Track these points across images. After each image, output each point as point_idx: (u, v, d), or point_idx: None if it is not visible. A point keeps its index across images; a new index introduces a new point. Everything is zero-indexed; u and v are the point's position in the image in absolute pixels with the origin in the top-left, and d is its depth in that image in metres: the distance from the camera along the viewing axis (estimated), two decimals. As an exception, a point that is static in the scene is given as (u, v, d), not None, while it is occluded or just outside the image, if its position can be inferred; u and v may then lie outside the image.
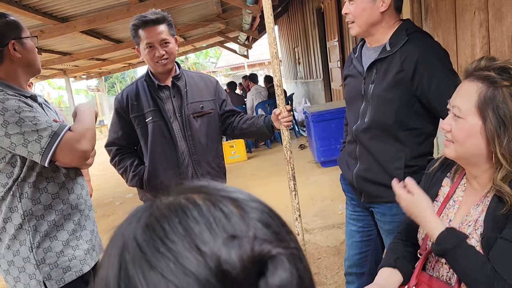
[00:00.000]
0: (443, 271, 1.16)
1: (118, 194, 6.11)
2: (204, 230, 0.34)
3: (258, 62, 25.13)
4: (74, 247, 1.54)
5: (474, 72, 1.07)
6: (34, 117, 1.38)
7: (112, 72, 13.56)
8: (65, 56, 7.52)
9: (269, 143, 8.20)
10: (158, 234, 0.34)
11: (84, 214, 1.61)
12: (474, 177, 1.15)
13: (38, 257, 1.48)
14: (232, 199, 0.38)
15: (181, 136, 1.98)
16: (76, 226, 1.56)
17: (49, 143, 1.37)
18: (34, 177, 1.46)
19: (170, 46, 1.91)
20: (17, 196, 1.45)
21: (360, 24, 1.56)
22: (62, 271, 1.50)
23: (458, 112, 1.08)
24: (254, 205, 0.39)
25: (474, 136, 1.06)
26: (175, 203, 0.38)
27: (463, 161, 1.15)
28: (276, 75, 1.91)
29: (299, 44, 10.34)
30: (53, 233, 1.50)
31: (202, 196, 0.38)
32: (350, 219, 1.85)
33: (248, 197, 0.40)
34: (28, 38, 1.51)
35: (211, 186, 0.41)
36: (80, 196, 1.59)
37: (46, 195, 1.49)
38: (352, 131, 1.67)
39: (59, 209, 1.51)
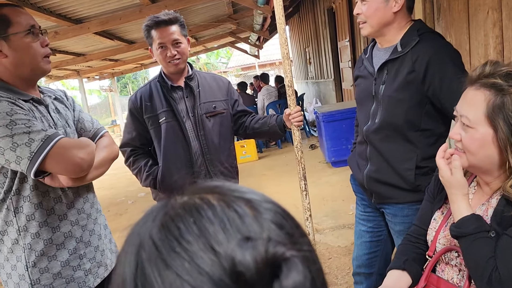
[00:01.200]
0: (453, 274, 1.16)
1: (130, 193, 6.17)
2: (218, 231, 0.35)
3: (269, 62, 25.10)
4: (75, 267, 1.42)
5: (479, 79, 1.05)
6: (28, 120, 1.27)
7: (124, 72, 13.68)
8: (78, 57, 7.61)
9: (280, 143, 8.20)
10: (174, 234, 0.35)
11: (87, 229, 1.47)
12: (486, 183, 1.13)
13: (33, 277, 1.37)
14: (246, 200, 0.39)
15: (194, 136, 2.00)
16: (79, 244, 1.44)
17: (40, 146, 1.24)
18: (28, 190, 1.34)
19: (182, 47, 1.93)
20: (12, 210, 1.35)
21: (372, 24, 1.56)
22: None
23: (467, 122, 1.06)
24: (268, 206, 0.39)
25: (486, 145, 1.04)
26: (189, 203, 0.38)
27: (476, 170, 1.13)
28: (287, 75, 1.92)
29: (310, 44, 10.32)
30: (52, 252, 1.38)
31: (216, 197, 0.38)
32: (360, 219, 1.85)
33: (262, 198, 0.40)
34: (19, 34, 1.30)
35: (225, 186, 0.41)
36: (81, 211, 1.46)
37: (41, 210, 1.35)
38: (363, 132, 1.68)
39: (55, 226, 1.38)
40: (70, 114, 1.55)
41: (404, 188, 1.57)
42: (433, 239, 1.22)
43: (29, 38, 1.33)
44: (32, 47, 1.34)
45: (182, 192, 0.41)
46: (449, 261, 1.17)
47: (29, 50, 1.33)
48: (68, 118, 1.52)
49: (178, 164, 2.00)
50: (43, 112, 1.41)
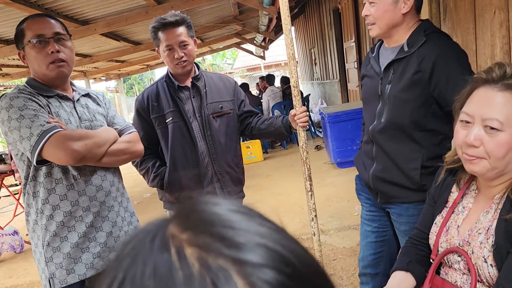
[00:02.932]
0: (456, 277, 1.16)
1: (136, 193, 6.20)
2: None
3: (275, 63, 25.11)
4: (84, 249, 1.55)
5: (501, 80, 1.02)
6: (35, 115, 1.42)
7: (130, 73, 13.74)
8: (85, 58, 7.66)
9: (285, 144, 8.20)
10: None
11: (101, 215, 1.59)
12: (490, 186, 1.11)
13: (48, 254, 1.53)
14: (238, 263, 0.28)
15: (201, 136, 2.01)
16: (89, 228, 1.55)
17: (36, 141, 1.40)
18: (42, 177, 1.51)
19: (189, 48, 1.94)
20: (31, 194, 1.53)
21: (381, 26, 1.55)
22: (65, 272, 1.52)
23: (498, 125, 1.00)
24: (268, 276, 0.28)
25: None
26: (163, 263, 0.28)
27: (492, 175, 1.07)
28: (293, 76, 1.92)
29: (316, 45, 10.31)
30: (63, 234, 1.52)
31: (198, 255, 0.28)
32: (365, 220, 1.85)
33: (264, 256, 0.29)
34: (28, 44, 1.49)
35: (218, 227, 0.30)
36: (93, 198, 1.57)
37: (54, 195, 1.51)
38: (369, 131, 1.68)
39: (67, 211, 1.52)
40: (101, 110, 1.72)
41: (410, 187, 1.57)
42: (435, 243, 1.21)
43: (34, 48, 1.49)
44: (37, 57, 1.50)
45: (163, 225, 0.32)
46: (452, 265, 1.17)
47: (35, 59, 1.51)
48: (97, 112, 1.68)
49: (185, 164, 2.01)
50: (67, 107, 1.58)
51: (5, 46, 5.11)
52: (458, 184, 1.22)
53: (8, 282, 3.75)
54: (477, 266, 1.07)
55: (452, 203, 1.20)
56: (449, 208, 1.21)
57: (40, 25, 1.51)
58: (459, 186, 1.21)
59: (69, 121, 1.55)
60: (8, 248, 4.34)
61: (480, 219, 1.10)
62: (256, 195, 5.13)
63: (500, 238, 1.02)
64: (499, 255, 1.02)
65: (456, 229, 1.16)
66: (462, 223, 1.16)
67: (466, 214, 1.17)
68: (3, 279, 3.85)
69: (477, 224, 1.11)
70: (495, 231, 1.04)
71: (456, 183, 1.23)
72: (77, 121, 1.58)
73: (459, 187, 1.21)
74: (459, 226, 1.16)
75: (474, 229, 1.11)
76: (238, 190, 2.13)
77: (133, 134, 1.73)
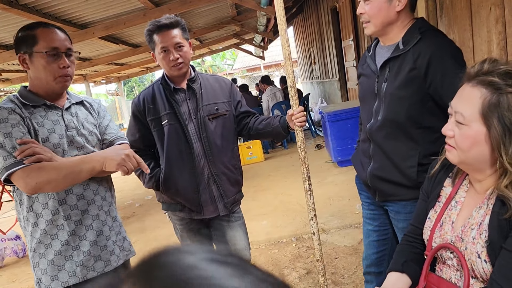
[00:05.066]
0: (451, 274, 1.16)
1: (137, 196, 6.21)
2: None
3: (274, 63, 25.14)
4: (67, 257, 1.56)
5: (477, 76, 1.05)
6: (9, 134, 1.44)
7: (130, 76, 13.78)
8: (84, 62, 7.69)
9: (286, 144, 8.21)
10: None
11: (83, 224, 1.58)
12: (477, 180, 1.13)
13: (35, 260, 1.57)
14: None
15: (197, 138, 2.02)
16: (72, 237, 1.56)
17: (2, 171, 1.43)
18: None
19: (185, 50, 1.95)
20: (18, 201, 1.58)
21: (376, 23, 1.56)
22: (50, 278, 1.55)
23: (461, 119, 1.06)
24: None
25: (478, 143, 1.04)
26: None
27: (466, 167, 1.13)
28: (289, 76, 1.93)
29: (315, 44, 10.32)
30: (47, 241, 1.55)
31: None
32: (366, 218, 1.86)
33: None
34: (40, 53, 1.51)
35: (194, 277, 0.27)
36: (74, 207, 1.57)
37: (37, 204, 1.54)
38: (366, 130, 1.68)
39: (49, 219, 1.54)
40: (92, 119, 1.71)
41: (407, 185, 1.57)
42: (429, 238, 1.21)
43: (47, 59, 1.51)
44: (47, 68, 1.52)
45: None
46: (446, 261, 1.17)
47: (45, 69, 1.53)
48: (87, 121, 1.68)
49: (181, 166, 2.01)
50: (53, 115, 1.58)
51: (4, 51, 5.13)
52: (454, 179, 1.22)
53: (11, 287, 3.76)
54: (471, 262, 1.07)
55: (447, 198, 1.21)
56: (443, 203, 1.21)
57: (54, 37, 1.54)
58: (454, 181, 1.22)
59: (52, 130, 1.55)
60: (11, 253, 4.36)
61: (472, 215, 1.11)
62: (257, 195, 5.14)
63: (494, 234, 1.03)
64: (492, 250, 1.02)
65: (450, 224, 1.16)
66: (456, 219, 1.16)
67: (459, 209, 1.17)
68: (6, 283, 3.87)
69: (470, 219, 1.11)
70: (488, 226, 1.05)
71: (450, 178, 1.24)
72: (62, 130, 1.58)
73: (454, 181, 1.22)
74: (453, 221, 1.16)
75: (467, 225, 1.11)
76: (236, 191, 2.13)
77: (124, 145, 1.73)
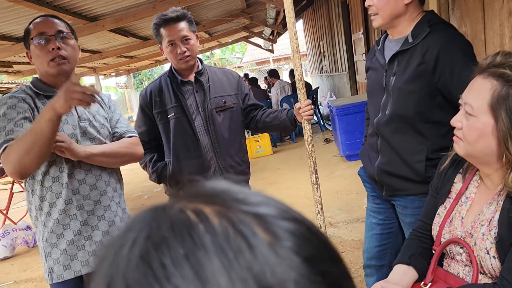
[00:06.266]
0: (459, 269, 1.16)
1: (146, 188, 6.26)
2: (220, 272, 0.24)
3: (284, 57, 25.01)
4: (79, 247, 1.58)
5: (488, 68, 1.04)
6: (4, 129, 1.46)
7: (140, 69, 13.84)
8: (94, 54, 7.74)
9: (294, 137, 8.19)
10: (156, 275, 0.25)
11: (96, 214, 1.61)
12: (486, 175, 1.12)
13: (47, 250, 1.58)
14: (257, 217, 0.28)
15: (204, 131, 2.02)
16: (84, 227, 1.58)
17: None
18: (41, 176, 1.55)
19: (192, 43, 1.95)
20: (30, 191, 1.59)
21: (383, 16, 1.55)
22: (62, 268, 1.57)
23: (470, 110, 1.05)
24: (288, 226, 0.28)
25: (485, 136, 1.03)
26: (180, 219, 0.27)
27: (473, 160, 1.13)
28: (297, 69, 1.92)
29: (324, 37, 10.25)
30: (59, 231, 1.56)
31: (216, 211, 0.28)
32: (371, 212, 1.85)
33: (279, 211, 0.29)
34: (32, 42, 1.52)
35: (229, 193, 0.30)
36: (87, 197, 1.59)
37: (51, 193, 1.55)
38: (374, 124, 1.67)
39: (62, 209, 1.55)
40: (103, 112, 1.72)
41: (415, 180, 1.56)
42: (438, 234, 1.21)
43: (37, 46, 1.52)
44: (39, 55, 1.53)
45: (179, 193, 0.32)
46: (454, 256, 1.17)
47: (38, 56, 1.54)
48: (98, 114, 1.69)
49: (188, 159, 2.02)
50: None
51: (15, 44, 5.18)
52: (464, 175, 1.22)
53: (22, 276, 3.83)
54: (480, 257, 1.06)
55: (457, 194, 1.20)
56: (453, 199, 1.21)
57: (43, 24, 1.54)
58: (465, 176, 1.21)
59: (65, 121, 1.56)
60: (22, 243, 4.43)
61: (483, 211, 1.10)
62: (264, 188, 5.15)
63: (503, 230, 1.02)
64: (501, 247, 1.01)
65: (460, 220, 1.16)
66: (466, 215, 1.16)
67: (470, 204, 1.16)
68: (17, 272, 3.94)
69: (480, 215, 1.10)
70: (498, 223, 1.04)
71: (460, 174, 1.23)
72: (75, 120, 1.59)
73: (464, 177, 1.21)
74: (463, 217, 1.16)
75: (477, 221, 1.10)
76: (243, 184, 2.13)
77: (133, 138, 1.74)
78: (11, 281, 3.75)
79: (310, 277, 0.26)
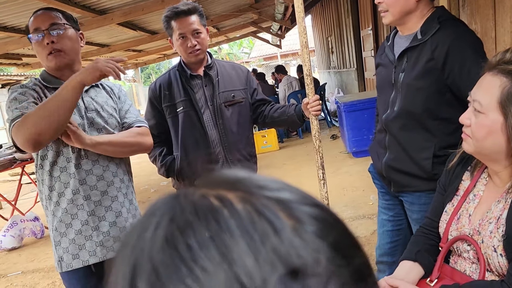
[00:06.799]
0: (465, 266, 1.16)
1: (153, 181, 6.29)
2: (246, 254, 0.25)
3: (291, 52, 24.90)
4: (87, 237, 1.60)
5: (498, 65, 1.03)
6: (16, 108, 1.48)
7: (148, 63, 13.85)
8: (103, 48, 7.75)
9: (301, 133, 8.18)
10: (183, 257, 0.25)
11: (103, 205, 1.62)
12: (495, 172, 1.12)
13: (56, 239, 1.62)
14: (280, 202, 0.28)
15: (213, 125, 2.03)
16: (91, 217, 1.60)
17: (9, 130, 1.47)
18: (49, 166, 1.57)
19: (202, 36, 1.96)
20: (40, 181, 1.62)
21: (394, 13, 1.54)
22: (71, 257, 1.60)
23: (479, 107, 1.04)
24: (309, 211, 0.28)
25: (494, 133, 1.02)
26: (204, 204, 0.28)
27: (482, 157, 1.12)
28: (306, 64, 1.92)
29: (333, 33, 10.19)
30: (68, 220, 1.59)
31: (239, 196, 0.28)
32: (381, 208, 1.86)
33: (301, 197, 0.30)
34: (31, 38, 1.55)
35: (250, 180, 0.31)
36: (94, 187, 1.60)
37: (60, 183, 1.58)
38: (382, 120, 1.67)
39: (70, 199, 1.57)
40: (112, 102, 1.72)
41: (422, 176, 1.56)
42: (445, 231, 1.21)
43: (34, 43, 1.54)
44: (38, 50, 1.56)
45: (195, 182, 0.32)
46: (461, 253, 1.16)
47: (37, 53, 1.58)
48: (107, 104, 1.69)
49: (196, 153, 2.03)
50: None
51: (24, 36, 5.19)
52: (472, 172, 1.21)
53: (30, 266, 3.88)
54: (487, 255, 1.06)
55: (464, 192, 1.20)
56: (461, 196, 1.20)
57: (38, 19, 1.54)
58: (473, 174, 1.21)
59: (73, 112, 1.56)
60: (30, 234, 4.48)
61: (491, 209, 1.10)
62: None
63: (511, 228, 1.01)
64: (509, 245, 1.01)
65: (467, 217, 1.15)
66: (473, 212, 1.15)
67: (477, 202, 1.16)
68: (25, 262, 3.99)
69: (488, 213, 1.10)
70: (506, 220, 1.04)
71: (468, 171, 1.22)
72: (82, 111, 1.61)
73: (472, 175, 1.21)
74: (470, 215, 1.15)
75: (485, 219, 1.10)
76: None
77: (142, 128, 1.73)
78: (18, 271, 3.80)
79: (336, 260, 0.26)
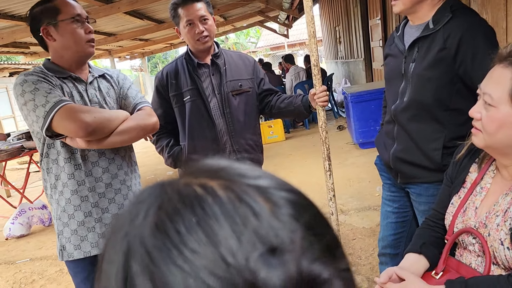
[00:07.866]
0: (471, 259, 1.14)
1: (159, 171, 6.32)
2: (229, 235, 0.27)
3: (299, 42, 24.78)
4: (90, 228, 1.61)
5: (509, 57, 1.01)
6: (50, 88, 1.47)
7: (154, 52, 13.81)
8: (110, 37, 7.73)
9: (307, 124, 8.15)
10: (173, 240, 0.27)
11: (107, 197, 1.63)
12: (503, 166, 1.10)
13: (59, 228, 1.63)
14: (258, 188, 0.31)
15: (220, 114, 2.02)
16: (94, 209, 1.61)
17: (51, 107, 1.43)
18: (55, 155, 1.59)
19: (209, 23, 1.94)
20: (45, 170, 1.62)
21: (405, 1, 1.51)
22: (73, 247, 1.62)
23: (490, 100, 1.02)
24: (285, 195, 0.31)
25: (505, 126, 1.00)
26: (189, 194, 0.30)
27: (492, 151, 1.10)
28: (313, 54, 1.90)
29: (340, 23, 10.09)
30: (70, 211, 1.60)
31: (221, 184, 0.30)
32: (386, 200, 1.84)
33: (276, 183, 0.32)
34: (66, 21, 1.53)
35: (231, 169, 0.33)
36: (99, 180, 1.62)
37: (64, 173, 1.59)
38: (391, 111, 1.65)
39: (74, 190, 1.58)
40: (113, 93, 1.72)
41: (430, 168, 1.54)
42: (450, 223, 1.20)
43: (74, 25, 1.55)
44: (77, 33, 1.56)
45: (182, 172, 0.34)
46: (467, 246, 1.15)
47: (74, 35, 1.55)
48: (109, 95, 1.70)
49: (203, 142, 2.03)
50: (80, 88, 1.62)
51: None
52: (480, 165, 1.19)
53: (38, 253, 3.93)
54: (493, 248, 1.05)
55: (472, 184, 1.18)
56: (467, 189, 1.19)
57: (74, 5, 1.58)
58: (480, 166, 1.19)
59: (80, 102, 1.59)
60: (38, 221, 4.53)
61: (498, 201, 1.08)
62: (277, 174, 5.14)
63: None
64: None
65: (474, 210, 1.14)
66: (480, 205, 1.14)
67: (484, 195, 1.15)
68: (33, 250, 4.04)
69: (495, 206, 1.09)
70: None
71: (476, 163, 1.21)
72: (87, 104, 1.62)
73: (480, 167, 1.19)
74: (477, 207, 1.14)
75: (492, 212, 1.09)
76: None
77: (146, 108, 1.73)
78: (27, 258, 3.85)
79: (308, 238, 0.29)
